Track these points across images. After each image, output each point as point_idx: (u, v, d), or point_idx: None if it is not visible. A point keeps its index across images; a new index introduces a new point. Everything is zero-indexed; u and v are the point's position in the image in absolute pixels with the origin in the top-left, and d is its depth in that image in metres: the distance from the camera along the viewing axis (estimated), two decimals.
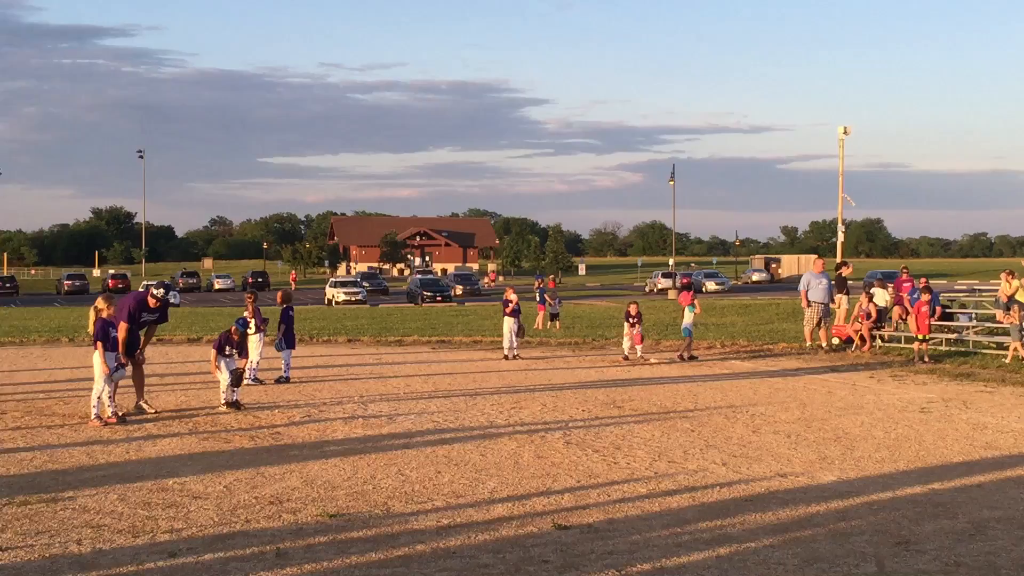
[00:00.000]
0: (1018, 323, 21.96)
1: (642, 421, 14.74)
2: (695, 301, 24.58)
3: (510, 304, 24.53)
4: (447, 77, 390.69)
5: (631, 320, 23.75)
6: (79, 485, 10.55)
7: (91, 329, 14.82)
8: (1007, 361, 21.28)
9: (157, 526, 8.93)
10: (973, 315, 26.26)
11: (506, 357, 23.98)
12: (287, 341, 19.60)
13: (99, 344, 14.43)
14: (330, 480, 10.80)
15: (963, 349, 23.49)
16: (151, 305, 15.60)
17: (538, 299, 36.05)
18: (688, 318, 24.09)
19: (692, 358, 23.59)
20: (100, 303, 14.77)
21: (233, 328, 16.15)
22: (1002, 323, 23.79)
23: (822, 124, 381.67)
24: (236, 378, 15.89)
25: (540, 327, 33.85)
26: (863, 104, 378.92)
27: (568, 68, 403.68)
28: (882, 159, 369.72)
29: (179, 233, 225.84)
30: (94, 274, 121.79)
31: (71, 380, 19.59)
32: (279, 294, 20.99)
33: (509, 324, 24.31)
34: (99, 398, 14.46)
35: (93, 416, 14.40)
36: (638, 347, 23.75)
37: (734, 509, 9.56)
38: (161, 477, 10.94)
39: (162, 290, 15.84)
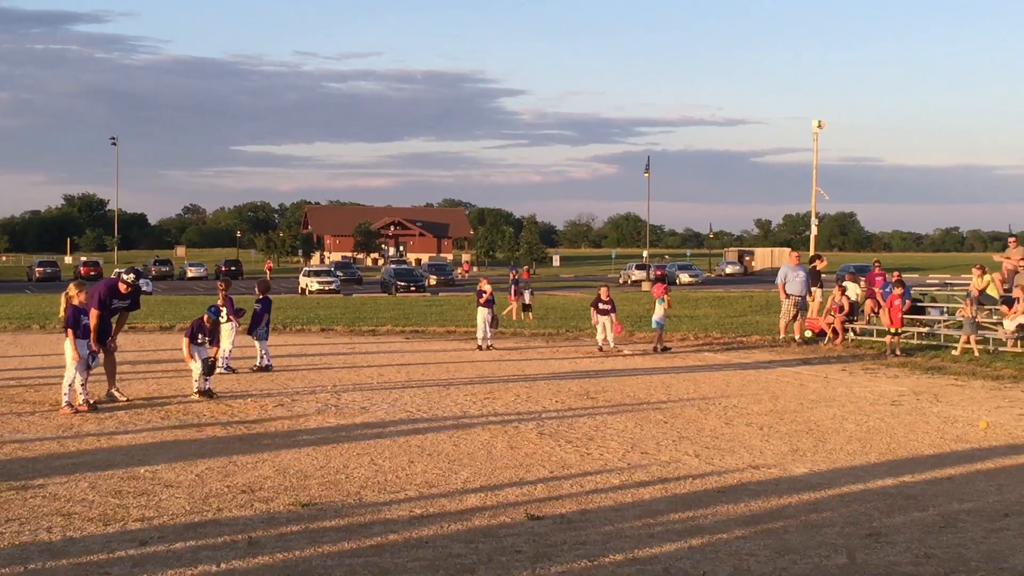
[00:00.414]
0: (971, 316, 22.21)
1: (615, 412, 14.76)
2: (666, 295, 24.57)
3: (484, 295, 24.53)
4: (422, 67, 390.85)
5: (601, 306, 23.67)
6: (49, 473, 10.48)
7: (62, 316, 14.71)
8: (956, 352, 21.55)
9: (128, 514, 8.88)
10: (944, 309, 26.39)
11: (480, 347, 23.99)
12: (255, 328, 19.57)
13: (70, 331, 14.33)
14: (303, 469, 10.77)
15: (934, 343, 23.63)
16: (122, 291, 15.50)
17: (512, 291, 35.98)
18: (658, 312, 24.09)
19: (665, 349, 23.64)
20: (71, 290, 14.66)
21: (205, 316, 16.09)
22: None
23: (797, 118, 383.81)
24: (208, 367, 15.83)
25: (515, 317, 33.86)
26: (837, 98, 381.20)
27: (543, 59, 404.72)
28: (856, 153, 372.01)
29: (152, 221, 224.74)
30: (66, 261, 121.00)
31: (42, 368, 19.47)
32: (257, 285, 20.84)
33: (483, 314, 24.32)
34: (70, 385, 14.37)
35: (64, 404, 14.31)
36: (611, 337, 23.68)
37: (706, 500, 9.59)
38: (132, 465, 10.88)
39: (132, 275, 15.74)
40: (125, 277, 15.59)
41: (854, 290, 26.40)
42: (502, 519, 8.85)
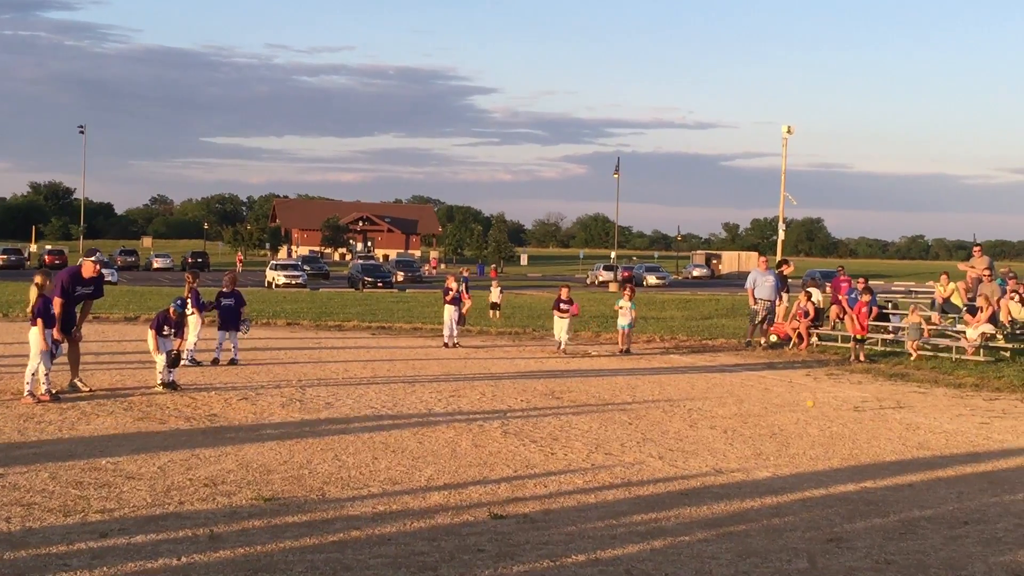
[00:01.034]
0: (918, 323, 22.48)
1: (580, 413, 14.77)
2: (625, 295, 24.43)
3: (451, 292, 24.55)
4: (394, 62, 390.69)
5: (562, 306, 23.37)
6: (10, 463, 10.39)
7: (31, 306, 14.57)
8: (913, 359, 21.73)
9: (89, 506, 8.82)
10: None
11: (446, 345, 23.96)
12: (234, 323, 19.59)
13: (39, 321, 14.20)
14: (266, 464, 10.72)
15: (898, 350, 23.75)
16: (86, 276, 15.33)
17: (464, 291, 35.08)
18: (622, 316, 24.00)
19: (627, 351, 23.58)
20: (39, 279, 14.54)
21: (171, 308, 15.99)
22: (937, 325, 24.12)
23: (766, 123, 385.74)
24: (172, 360, 15.74)
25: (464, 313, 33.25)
26: (807, 104, 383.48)
27: (516, 58, 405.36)
28: (824, 159, 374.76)
29: (119, 210, 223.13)
30: (30, 249, 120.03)
31: (3, 356, 19.31)
32: (227, 278, 20.69)
33: (449, 312, 24.32)
34: (33, 375, 14.25)
35: (26, 393, 14.19)
36: (565, 338, 23.31)
37: (670, 503, 9.61)
38: (94, 456, 10.80)
39: (97, 253, 15.73)
40: (91, 260, 15.48)
41: (817, 295, 26.51)
42: (465, 517, 8.84)
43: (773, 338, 25.63)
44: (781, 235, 62.04)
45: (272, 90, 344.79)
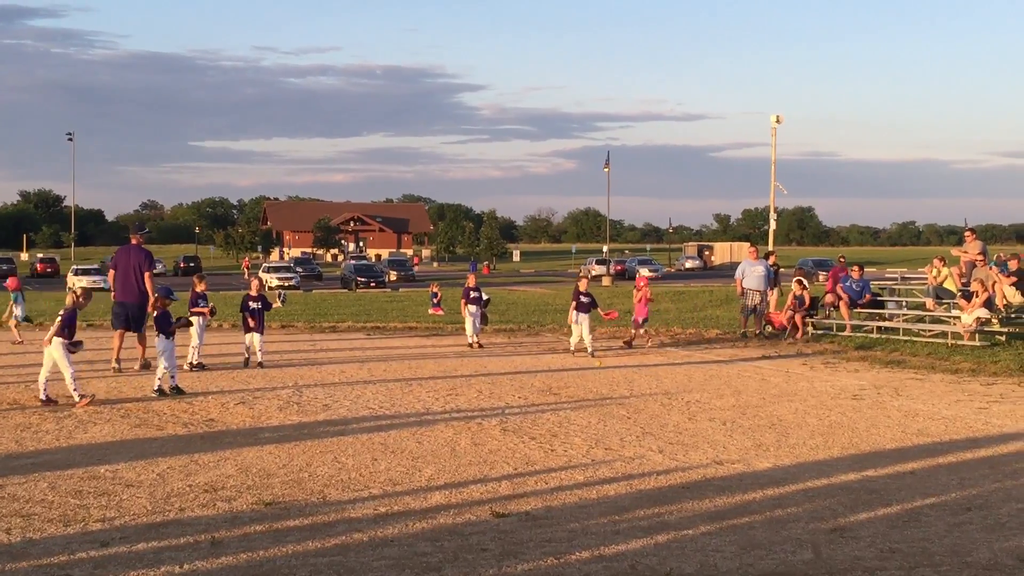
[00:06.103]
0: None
1: (578, 408, 14.74)
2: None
3: (471, 293, 24.16)
4: (382, 62, 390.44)
5: (582, 299, 21.80)
6: (7, 473, 10.34)
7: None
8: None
9: (89, 515, 8.78)
10: (904, 303, 26.58)
11: (471, 345, 23.57)
12: (261, 327, 20.24)
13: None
14: (265, 468, 10.68)
15: (894, 336, 23.74)
16: (136, 242, 18.58)
17: (434, 302, 32.87)
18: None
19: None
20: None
21: (162, 301, 16.28)
22: (932, 311, 24.11)
23: (755, 113, 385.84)
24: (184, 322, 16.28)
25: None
26: (795, 93, 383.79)
27: (503, 54, 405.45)
28: (813, 148, 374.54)
29: (109, 217, 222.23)
30: (22, 258, 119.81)
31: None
32: (256, 283, 21.42)
33: (470, 311, 23.95)
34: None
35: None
36: (589, 340, 21.77)
37: (671, 496, 9.59)
38: (92, 464, 10.76)
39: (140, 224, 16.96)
40: (136, 232, 18.96)
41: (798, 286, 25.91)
42: (467, 517, 8.82)
43: (768, 328, 25.62)
44: (772, 225, 62.01)
45: (260, 92, 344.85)
